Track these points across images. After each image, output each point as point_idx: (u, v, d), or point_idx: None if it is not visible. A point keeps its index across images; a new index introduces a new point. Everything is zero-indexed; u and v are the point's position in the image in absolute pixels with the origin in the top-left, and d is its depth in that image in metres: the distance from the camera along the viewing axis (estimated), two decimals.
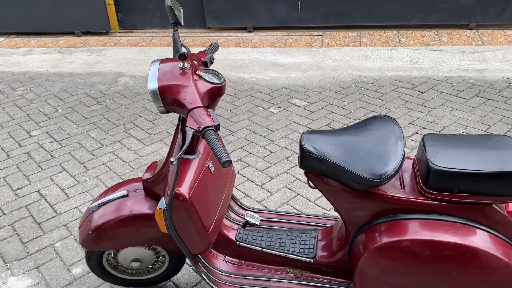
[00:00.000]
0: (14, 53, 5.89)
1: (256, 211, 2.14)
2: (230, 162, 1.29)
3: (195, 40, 5.81)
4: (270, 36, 5.78)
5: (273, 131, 3.62)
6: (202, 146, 1.81)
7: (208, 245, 1.73)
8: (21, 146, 3.59)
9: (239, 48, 5.51)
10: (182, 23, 1.73)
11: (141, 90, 4.54)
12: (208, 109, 1.44)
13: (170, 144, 1.80)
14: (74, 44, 6.02)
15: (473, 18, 5.33)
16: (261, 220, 2.09)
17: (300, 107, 4.01)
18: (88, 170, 3.23)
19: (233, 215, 2.08)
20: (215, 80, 1.57)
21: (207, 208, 1.71)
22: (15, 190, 3.05)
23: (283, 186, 2.93)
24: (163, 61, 1.57)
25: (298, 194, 2.85)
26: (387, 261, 1.55)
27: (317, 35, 5.67)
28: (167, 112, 1.56)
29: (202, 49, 5.50)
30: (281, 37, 5.71)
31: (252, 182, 3.00)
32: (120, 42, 5.99)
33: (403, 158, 1.54)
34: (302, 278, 1.86)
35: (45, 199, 2.93)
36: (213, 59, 1.78)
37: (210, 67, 1.79)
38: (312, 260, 1.85)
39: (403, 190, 1.58)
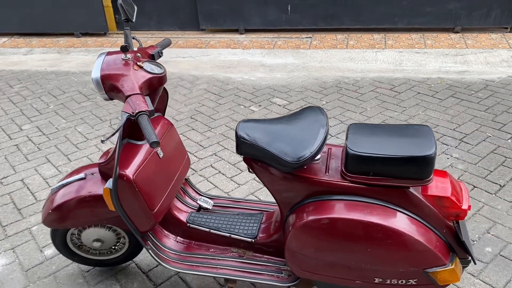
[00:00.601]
0: (15, 52, 6.14)
1: (210, 197, 2.29)
2: (157, 143, 1.45)
3: (188, 42, 6.00)
4: (261, 38, 5.94)
5: None
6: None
7: (153, 224, 1.88)
8: (11, 139, 3.79)
9: (230, 49, 5.68)
10: (133, 20, 1.90)
11: None
12: (146, 96, 1.61)
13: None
14: (73, 44, 6.24)
15: (458, 22, 5.43)
16: (214, 205, 2.24)
17: (279, 105, 4.16)
18: (71, 161, 3.41)
19: (188, 200, 2.23)
20: (155, 71, 1.73)
21: (153, 189, 1.86)
22: (0, 179, 3.24)
23: (251, 178, 3.08)
24: (108, 53, 1.73)
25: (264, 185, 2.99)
26: (310, 237, 1.69)
27: (306, 37, 5.82)
28: (111, 99, 1.72)
29: (194, 50, 5.67)
30: (271, 39, 5.87)
31: (223, 174, 3.15)
32: (117, 43, 6.20)
33: (323, 143, 1.68)
34: (245, 257, 2.01)
35: (28, 188, 3.12)
36: (162, 53, 1.95)
37: (157, 60, 1.95)
38: (253, 240, 1.99)
39: (327, 174, 1.72)
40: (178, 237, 2.11)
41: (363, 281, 1.73)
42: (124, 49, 1.66)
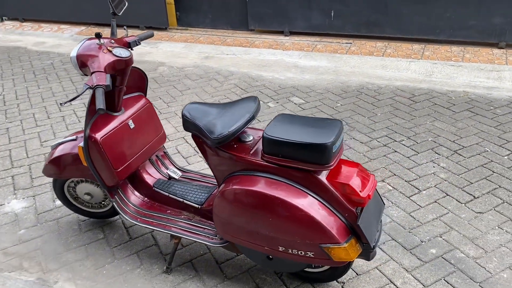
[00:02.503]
0: None
1: (184, 170, 2.67)
2: (102, 110, 1.86)
3: (235, 40, 6.43)
4: (303, 40, 6.20)
5: (260, 122, 4.09)
6: (131, 109, 2.40)
7: (117, 181, 2.30)
8: (60, 111, 4.47)
9: (271, 49, 6.01)
10: (119, 14, 2.34)
11: (172, 78, 5.25)
12: (107, 75, 2.02)
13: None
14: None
15: (503, 37, 5.28)
16: (184, 177, 2.61)
17: (296, 104, 4.42)
18: None
19: (162, 169, 2.63)
20: (122, 55, 2.15)
21: (118, 153, 2.27)
22: (42, 142, 3.89)
23: None
24: (89, 39, 2.18)
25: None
26: (228, 204, 2.00)
27: (346, 43, 5.98)
28: (85, 75, 2.16)
29: (239, 48, 6.02)
30: (312, 42, 6.11)
31: None
32: (174, 37, 6.80)
33: (243, 126, 1.97)
34: (192, 220, 2.36)
35: None
36: (139, 42, 2.37)
37: (134, 48, 2.37)
38: (200, 207, 2.33)
39: (250, 153, 2.01)
40: (145, 198, 2.52)
41: (270, 248, 2.00)
42: (98, 35, 2.10)
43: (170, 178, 2.59)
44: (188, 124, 2.09)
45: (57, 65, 5.85)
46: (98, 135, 2.20)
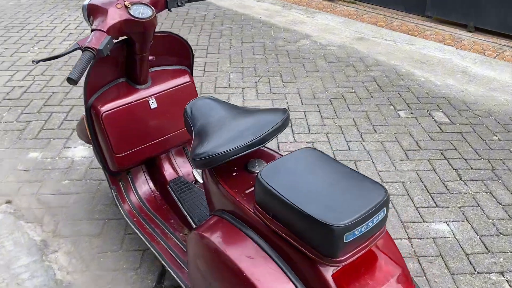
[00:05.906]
0: None
1: None
2: (72, 80, 1.40)
3: (403, 25, 5.37)
4: (488, 41, 4.81)
5: (376, 132, 3.23)
6: (161, 85, 1.92)
7: (116, 168, 1.87)
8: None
9: (441, 44, 4.82)
10: None
11: (307, 55, 4.61)
12: (108, 36, 1.54)
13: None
14: (298, 2, 6.40)
15: None
16: None
17: (435, 121, 3.38)
18: None
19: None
20: (140, 15, 1.63)
21: (124, 135, 1.83)
22: None
23: None
24: None
25: None
26: (195, 248, 1.40)
27: None
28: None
29: (402, 35, 5.03)
30: (500, 46, 4.69)
31: None
32: (337, 10, 6.05)
33: (236, 152, 1.29)
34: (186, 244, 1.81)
35: None
36: (182, 3, 1.81)
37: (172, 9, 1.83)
38: None
39: (244, 193, 1.34)
40: (158, 194, 2.06)
41: None
42: None
43: (196, 180, 2.07)
44: (187, 125, 1.51)
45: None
46: (103, 108, 1.78)
